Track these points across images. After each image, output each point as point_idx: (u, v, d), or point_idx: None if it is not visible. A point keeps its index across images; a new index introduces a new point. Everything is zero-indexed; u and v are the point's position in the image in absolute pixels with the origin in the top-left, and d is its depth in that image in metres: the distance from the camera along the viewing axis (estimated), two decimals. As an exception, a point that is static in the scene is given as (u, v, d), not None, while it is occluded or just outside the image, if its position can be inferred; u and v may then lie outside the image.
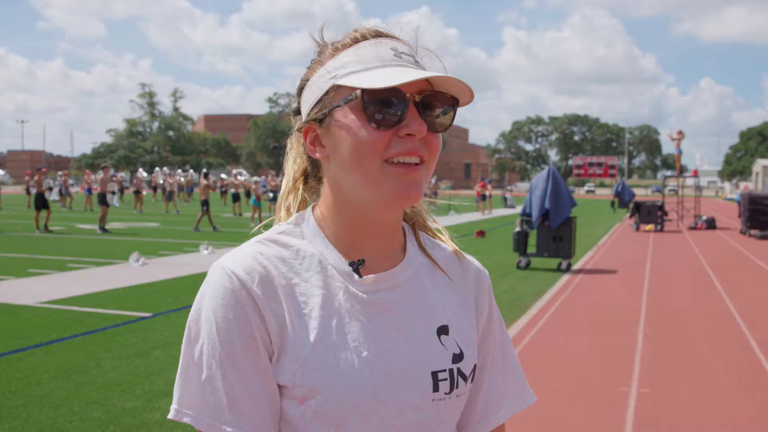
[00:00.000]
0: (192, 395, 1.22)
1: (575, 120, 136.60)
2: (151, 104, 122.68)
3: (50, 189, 40.86)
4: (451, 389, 1.32)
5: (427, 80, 1.24)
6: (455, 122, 1.30)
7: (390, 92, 1.19)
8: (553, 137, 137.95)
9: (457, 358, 1.34)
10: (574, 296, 12.04)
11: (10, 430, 5.36)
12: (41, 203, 23.78)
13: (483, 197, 41.28)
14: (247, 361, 1.21)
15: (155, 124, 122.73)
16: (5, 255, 16.85)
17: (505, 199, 50.31)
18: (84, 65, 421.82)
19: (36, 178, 25.10)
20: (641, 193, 79.55)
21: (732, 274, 15.03)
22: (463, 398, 1.37)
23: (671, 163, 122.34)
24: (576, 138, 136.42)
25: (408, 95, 1.21)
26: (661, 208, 27.68)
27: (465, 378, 1.35)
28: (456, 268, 1.47)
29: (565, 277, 14.24)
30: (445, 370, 1.31)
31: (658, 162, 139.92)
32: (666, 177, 40.60)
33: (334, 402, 1.21)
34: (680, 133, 32.89)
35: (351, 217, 1.31)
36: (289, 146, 1.47)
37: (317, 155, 1.31)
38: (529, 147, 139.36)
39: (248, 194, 46.14)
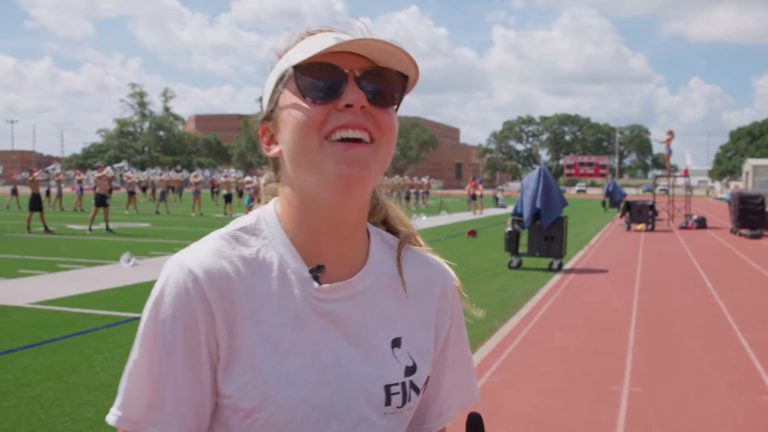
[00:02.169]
0: (122, 390, 1.19)
1: (566, 120, 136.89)
2: (142, 104, 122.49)
3: (48, 192, 40.72)
4: (404, 403, 1.28)
5: (371, 61, 1.19)
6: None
7: (324, 68, 1.15)
8: (544, 137, 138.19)
9: (410, 370, 1.30)
10: (566, 296, 12.06)
11: (0, 432, 5.33)
12: (35, 204, 23.67)
13: (474, 197, 41.31)
14: (185, 362, 1.16)
15: (146, 124, 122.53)
16: (-5, 256, 16.78)
17: (497, 198, 50.38)
18: (72, 65, 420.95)
19: (30, 178, 25.02)
20: (632, 193, 79.69)
21: (723, 273, 15.07)
22: (413, 411, 1.34)
23: (662, 163, 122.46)
24: (567, 138, 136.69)
25: (347, 71, 1.16)
26: (651, 207, 27.74)
27: (417, 391, 1.31)
28: (420, 274, 1.40)
29: (557, 277, 14.25)
30: (398, 384, 1.27)
31: (648, 162, 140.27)
32: (657, 176, 40.72)
33: (283, 416, 1.16)
34: (670, 132, 32.96)
35: (308, 215, 1.24)
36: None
37: (271, 153, 1.28)
38: (520, 147, 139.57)
39: (240, 194, 46.21)
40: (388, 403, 1.26)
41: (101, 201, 23.68)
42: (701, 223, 29.17)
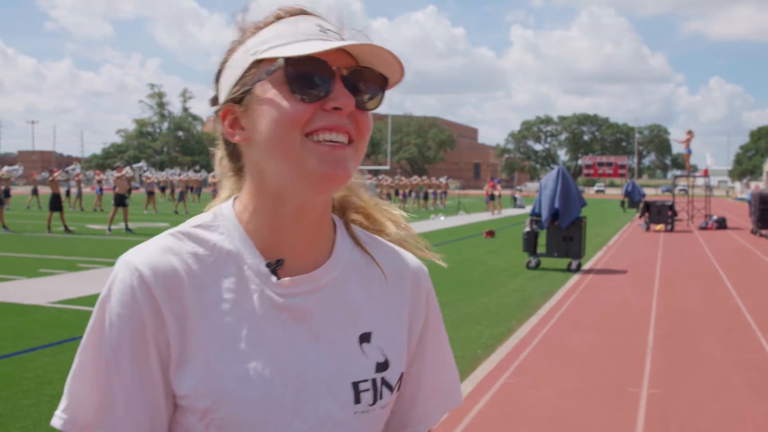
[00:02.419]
0: (68, 394, 1.15)
1: (584, 120, 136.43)
2: (161, 105, 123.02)
3: (68, 192, 40.97)
4: (375, 400, 1.23)
5: (354, 59, 1.16)
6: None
7: (315, 64, 1.11)
8: (563, 137, 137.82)
9: (381, 366, 1.25)
10: (584, 296, 12.02)
11: (21, 430, 5.37)
12: (55, 204, 23.85)
13: (492, 197, 41.22)
14: (133, 364, 1.12)
15: (165, 125, 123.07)
16: (16, 255, 16.92)
17: (515, 199, 50.25)
18: (92, 66, 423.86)
19: (50, 179, 25.20)
20: (651, 193, 79.24)
21: (743, 273, 14.97)
22: (388, 409, 1.28)
23: (681, 163, 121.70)
24: (585, 138, 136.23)
25: (335, 69, 1.13)
26: (671, 207, 27.60)
27: (390, 388, 1.26)
28: (392, 266, 1.35)
29: (575, 277, 14.21)
30: (367, 380, 1.22)
31: (668, 162, 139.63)
32: (676, 176, 40.56)
33: (241, 415, 1.12)
34: (690, 132, 32.78)
35: (273, 207, 1.19)
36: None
37: (236, 138, 1.21)
38: (538, 147, 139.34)
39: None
40: (357, 400, 1.20)
41: (121, 201, 23.80)
42: (721, 224, 28.98)
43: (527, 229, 15.64)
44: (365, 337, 1.25)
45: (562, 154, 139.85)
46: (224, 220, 1.23)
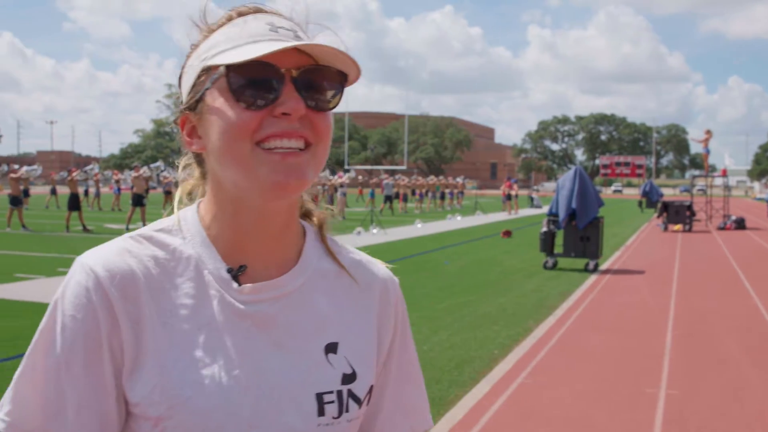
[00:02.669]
0: (12, 399, 1.09)
1: (602, 119, 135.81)
2: (178, 105, 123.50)
3: (86, 192, 41.22)
4: (340, 413, 1.17)
5: (309, 56, 1.11)
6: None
7: (261, 68, 1.06)
8: (580, 137, 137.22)
9: (348, 378, 1.20)
10: (602, 297, 11.98)
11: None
12: (74, 204, 24.00)
13: (509, 197, 41.15)
14: (86, 369, 1.07)
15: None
16: (35, 254, 17.04)
17: (532, 199, 50.14)
18: (109, 66, 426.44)
19: (69, 178, 25.36)
20: (669, 193, 78.76)
21: (762, 274, 14.86)
22: (356, 423, 1.22)
23: (699, 163, 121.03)
24: (603, 137, 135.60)
25: (283, 71, 1.07)
26: (689, 207, 27.47)
27: (358, 401, 1.20)
28: (361, 276, 1.30)
29: (593, 278, 14.16)
30: (332, 392, 1.17)
31: (686, 161, 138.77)
32: (694, 176, 40.35)
33: (195, 423, 1.07)
34: (708, 132, 32.59)
35: (233, 214, 1.16)
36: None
37: (194, 148, 1.18)
38: (555, 146, 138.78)
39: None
40: (321, 413, 1.15)
41: (138, 200, 23.95)
42: (740, 224, 28.80)
43: (544, 229, 15.60)
44: (331, 347, 1.21)
45: (579, 154, 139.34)
46: (187, 224, 1.20)
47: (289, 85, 1.08)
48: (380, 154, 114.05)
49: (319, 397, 1.16)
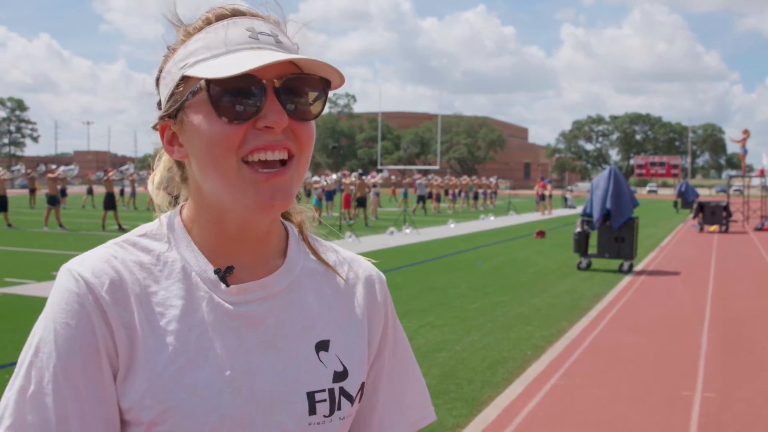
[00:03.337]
0: (12, 412, 1.05)
1: (637, 119, 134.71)
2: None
3: (121, 192, 41.72)
4: (332, 411, 1.17)
5: (292, 62, 1.09)
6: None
7: (242, 80, 1.04)
8: (614, 136, 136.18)
9: (340, 376, 1.19)
10: (636, 298, 11.87)
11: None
12: (110, 203, 24.30)
13: (543, 197, 40.99)
14: (85, 375, 1.05)
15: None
16: (72, 253, 17.03)
17: (566, 199, 49.90)
18: (145, 67, 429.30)
19: (105, 178, 25.66)
20: (705, 193, 77.96)
21: (800, 276, 14.65)
22: (348, 421, 1.22)
23: (736, 163, 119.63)
24: (637, 137, 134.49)
25: (265, 81, 1.06)
26: (725, 208, 27.15)
27: (350, 398, 1.20)
28: (348, 273, 1.31)
29: (627, 279, 14.05)
30: (323, 390, 1.17)
31: (722, 161, 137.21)
32: (731, 177, 39.80)
33: (188, 426, 1.06)
34: (746, 131, 32.22)
35: (216, 221, 1.16)
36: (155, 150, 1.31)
37: (175, 156, 1.16)
38: (589, 146, 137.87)
39: (308, 194, 46.61)
40: (312, 411, 1.15)
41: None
42: (778, 225, 28.42)
43: (578, 229, 15.51)
44: (322, 345, 1.20)
45: (614, 154, 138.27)
46: (171, 228, 1.20)
47: (271, 96, 1.07)
48: (413, 154, 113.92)
49: (310, 395, 1.16)
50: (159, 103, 1.21)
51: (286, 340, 1.17)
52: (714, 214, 27.19)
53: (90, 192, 43.68)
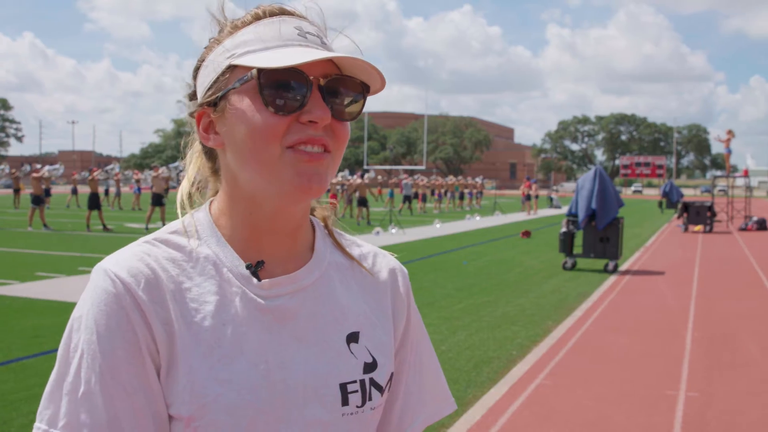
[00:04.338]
0: (66, 413, 1.06)
1: (622, 119, 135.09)
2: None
3: (106, 192, 41.53)
4: (363, 402, 1.19)
5: (334, 64, 1.13)
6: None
7: (290, 74, 1.07)
8: (600, 137, 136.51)
9: (370, 367, 1.22)
10: (621, 298, 11.92)
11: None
12: (94, 203, 24.18)
13: (528, 197, 41.07)
14: (130, 373, 1.07)
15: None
16: (57, 253, 17.16)
17: (551, 199, 49.96)
18: (130, 66, 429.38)
19: (90, 178, 25.53)
20: (690, 194, 78.42)
21: (783, 276, 14.74)
22: (379, 411, 1.24)
23: (721, 163, 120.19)
24: (623, 137, 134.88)
25: (312, 78, 1.09)
26: (710, 208, 27.28)
27: (380, 389, 1.22)
28: (373, 267, 1.34)
29: (612, 278, 14.10)
30: (355, 381, 1.19)
31: (707, 162, 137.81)
32: (715, 177, 40.08)
33: (226, 421, 1.08)
34: (730, 132, 32.39)
35: (249, 213, 1.18)
36: (185, 140, 1.35)
37: (211, 143, 1.19)
38: (575, 147, 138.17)
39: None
40: (345, 402, 1.17)
41: (158, 200, 24.11)
42: (761, 225, 28.56)
43: (564, 229, 15.56)
44: (353, 337, 1.23)
45: (600, 154, 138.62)
46: (200, 225, 1.21)
47: (316, 92, 1.10)
48: (399, 154, 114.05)
49: (343, 387, 1.17)
50: (191, 94, 1.25)
51: (317, 332, 1.19)
52: (698, 215, 27.32)
53: (74, 192, 43.46)
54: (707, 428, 5.66)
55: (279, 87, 1.08)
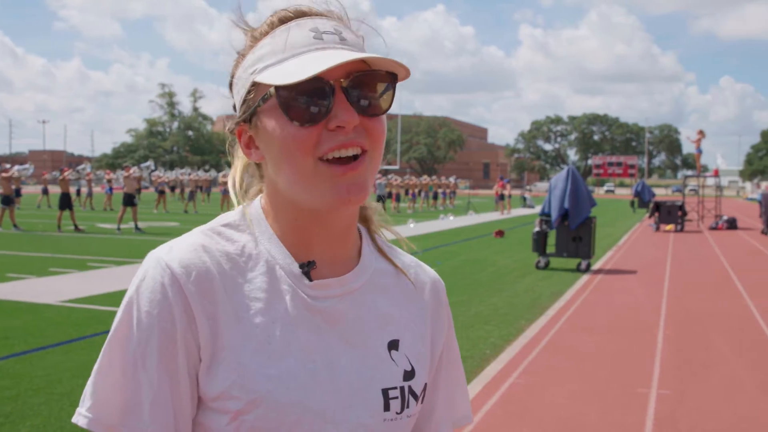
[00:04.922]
0: (94, 392, 1.11)
1: (594, 119, 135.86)
2: (171, 104, 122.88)
3: (78, 192, 41.14)
4: (402, 409, 1.20)
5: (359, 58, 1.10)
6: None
7: (309, 83, 1.05)
8: (573, 137, 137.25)
9: (408, 375, 1.23)
10: (594, 297, 12.00)
11: (31, 428, 5.39)
12: (65, 203, 23.95)
13: (502, 197, 41.20)
14: (160, 365, 1.08)
15: (175, 124, 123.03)
16: (27, 254, 16.97)
17: (524, 198, 50.15)
18: (101, 65, 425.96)
19: (60, 178, 25.29)
20: (661, 193, 79.01)
21: (753, 274, 14.90)
22: (413, 420, 1.25)
23: (692, 163, 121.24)
24: (595, 137, 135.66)
25: (333, 82, 1.07)
26: (681, 208, 27.52)
27: (416, 397, 1.23)
28: (414, 277, 1.35)
29: (585, 278, 14.18)
30: (396, 388, 1.20)
31: (678, 162, 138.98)
32: (686, 177, 40.41)
33: (274, 418, 1.09)
34: (700, 132, 32.70)
35: (295, 218, 1.18)
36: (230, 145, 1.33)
37: (253, 158, 1.20)
38: (548, 146, 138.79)
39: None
40: (386, 408, 1.18)
41: (129, 200, 23.90)
42: (731, 224, 28.88)
43: (537, 229, 15.62)
44: (393, 344, 1.24)
45: (572, 154, 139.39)
46: (254, 220, 1.22)
47: (339, 95, 1.08)
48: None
49: (385, 392, 1.19)
50: (234, 106, 1.24)
51: (362, 337, 1.21)
52: (670, 214, 27.54)
53: (45, 192, 42.98)
54: (678, 426, 5.71)
55: (299, 99, 1.07)
